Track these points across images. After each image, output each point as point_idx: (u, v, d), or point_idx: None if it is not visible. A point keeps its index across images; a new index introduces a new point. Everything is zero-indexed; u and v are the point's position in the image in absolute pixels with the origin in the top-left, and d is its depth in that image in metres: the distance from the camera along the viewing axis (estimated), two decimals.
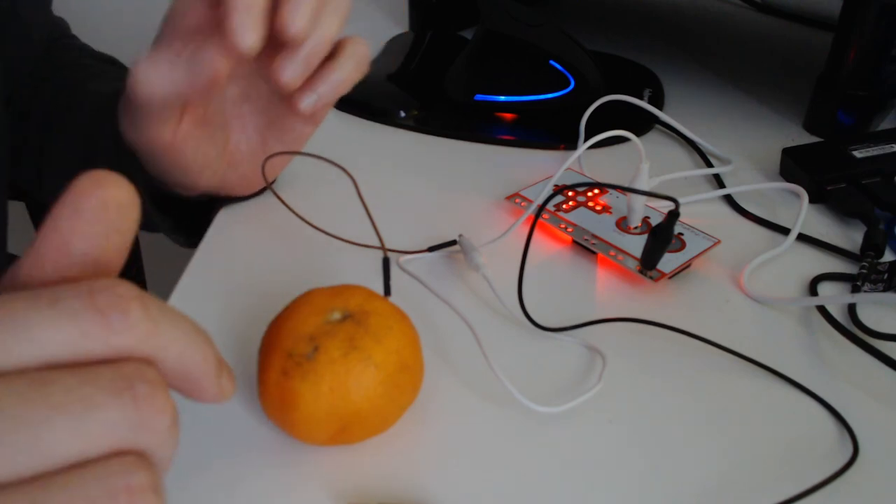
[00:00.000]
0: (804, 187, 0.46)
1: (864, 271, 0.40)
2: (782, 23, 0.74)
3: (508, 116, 0.56)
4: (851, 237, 0.45)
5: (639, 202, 0.42)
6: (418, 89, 0.59)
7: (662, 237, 0.38)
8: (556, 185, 0.46)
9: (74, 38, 0.56)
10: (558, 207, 0.45)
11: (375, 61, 0.63)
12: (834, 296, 0.40)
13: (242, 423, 0.32)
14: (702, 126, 0.55)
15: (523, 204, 0.46)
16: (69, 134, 0.47)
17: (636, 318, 0.38)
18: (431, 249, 0.42)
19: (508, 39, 0.54)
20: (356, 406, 0.29)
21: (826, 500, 0.30)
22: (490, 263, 0.40)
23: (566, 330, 0.37)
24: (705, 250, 0.41)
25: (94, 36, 0.60)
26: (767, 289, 0.40)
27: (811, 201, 0.46)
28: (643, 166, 0.41)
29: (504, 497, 0.30)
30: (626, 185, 0.37)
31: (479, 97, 0.55)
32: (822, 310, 0.38)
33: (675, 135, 0.54)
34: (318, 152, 0.35)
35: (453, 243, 0.42)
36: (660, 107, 0.58)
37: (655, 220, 0.43)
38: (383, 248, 0.33)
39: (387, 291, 0.33)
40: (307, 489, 0.30)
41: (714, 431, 0.33)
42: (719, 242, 0.42)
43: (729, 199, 0.47)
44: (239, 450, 0.31)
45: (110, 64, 0.53)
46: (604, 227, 0.43)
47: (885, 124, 0.56)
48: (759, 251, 0.43)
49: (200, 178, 0.40)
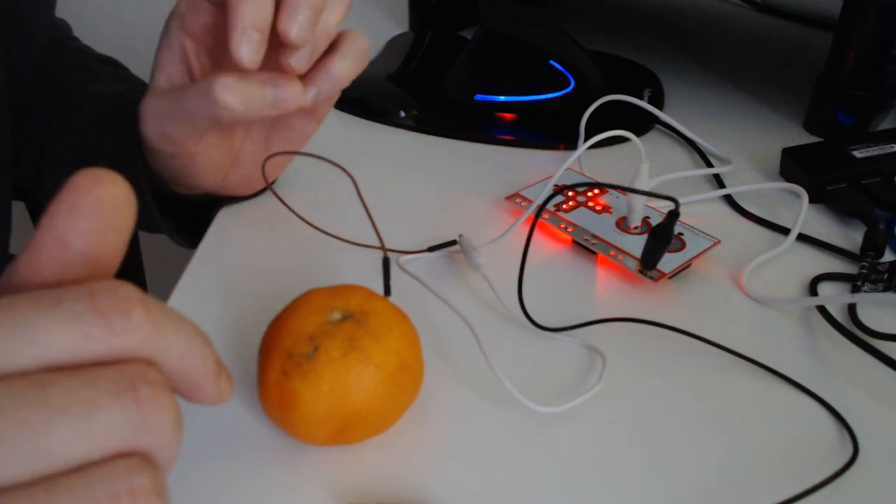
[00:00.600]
0: (804, 187, 0.46)
1: (864, 271, 0.40)
2: (782, 23, 0.74)
3: (508, 116, 0.56)
4: (851, 237, 0.44)
5: (639, 202, 0.42)
6: (418, 89, 0.59)
7: (662, 237, 0.38)
8: (556, 185, 0.46)
9: (76, 40, 0.56)
10: (558, 207, 0.45)
11: (375, 61, 0.63)
12: (834, 296, 0.40)
13: (242, 423, 0.32)
14: (702, 126, 0.55)
15: (523, 204, 0.46)
16: (70, 134, 0.47)
17: (636, 318, 0.38)
18: (431, 249, 0.42)
19: (508, 39, 0.54)
20: (356, 406, 0.29)
21: (826, 500, 0.30)
22: (490, 263, 0.40)
23: (566, 330, 0.37)
24: (705, 250, 0.41)
25: (96, 38, 0.60)
26: (767, 289, 0.40)
27: (811, 201, 0.46)
28: (643, 166, 0.41)
29: (504, 497, 0.30)
30: (626, 185, 0.37)
31: (479, 97, 0.55)
32: (822, 310, 0.38)
33: (675, 135, 0.54)
34: (318, 152, 0.35)
35: (453, 243, 0.42)
36: (660, 107, 0.58)
37: (655, 220, 0.43)
38: (383, 248, 0.33)
39: (387, 291, 0.33)
40: (307, 489, 0.30)
41: (714, 431, 0.33)
42: (719, 242, 0.42)
43: (729, 199, 0.47)
44: (239, 450, 0.31)
45: (111, 65, 0.53)
46: (604, 227, 0.43)
47: (885, 124, 0.56)
48: (759, 251, 0.43)
49: (205, 179, 0.41)
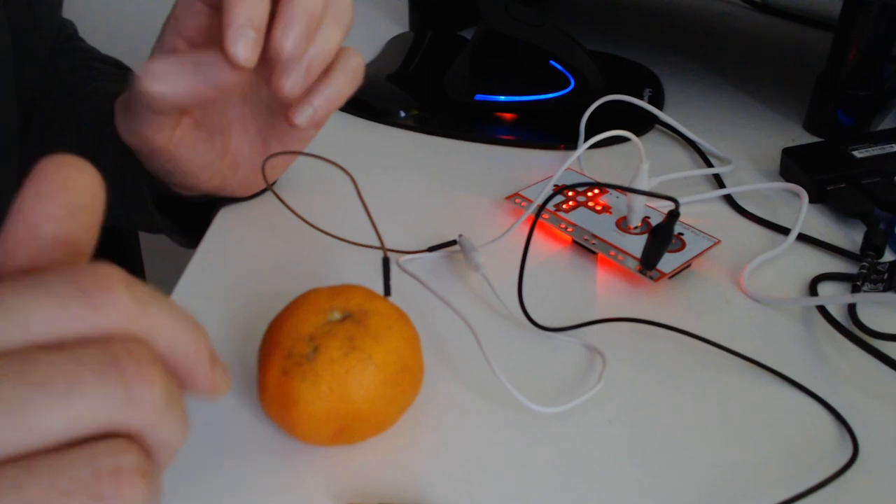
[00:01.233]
0: (804, 187, 0.46)
1: (864, 271, 0.40)
2: (782, 23, 0.74)
3: (508, 116, 0.56)
4: (851, 237, 0.44)
5: (639, 202, 0.42)
6: (418, 89, 0.59)
7: (662, 237, 0.38)
8: (556, 185, 0.46)
9: (81, 41, 0.56)
10: (558, 207, 0.45)
11: (375, 61, 0.63)
12: (834, 296, 0.40)
13: (242, 423, 0.32)
14: (702, 126, 0.55)
15: (523, 204, 0.46)
16: (73, 134, 0.47)
17: (636, 318, 0.38)
18: (431, 249, 0.42)
19: (508, 39, 0.54)
20: (356, 406, 0.29)
21: (826, 500, 0.30)
22: (490, 263, 0.40)
23: (566, 330, 0.37)
24: (705, 250, 0.41)
25: (101, 39, 0.60)
26: (767, 289, 0.40)
27: (811, 201, 0.46)
28: (643, 166, 0.41)
29: (504, 497, 0.30)
30: (626, 185, 0.37)
31: (479, 97, 0.55)
32: (822, 310, 0.38)
33: (675, 135, 0.54)
34: (318, 152, 0.35)
35: (453, 243, 0.42)
36: (660, 107, 0.58)
37: (655, 220, 0.43)
38: (383, 248, 0.33)
39: (387, 291, 0.33)
40: (307, 489, 0.30)
41: (714, 431, 0.33)
42: (719, 242, 0.42)
43: (729, 199, 0.47)
44: (239, 450, 0.31)
45: (116, 67, 0.53)
46: (604, 227, 0.43)
47: (885, 124, 0.56)
48: (759, 251, 0.43)
49: (201, 180, 0.40)
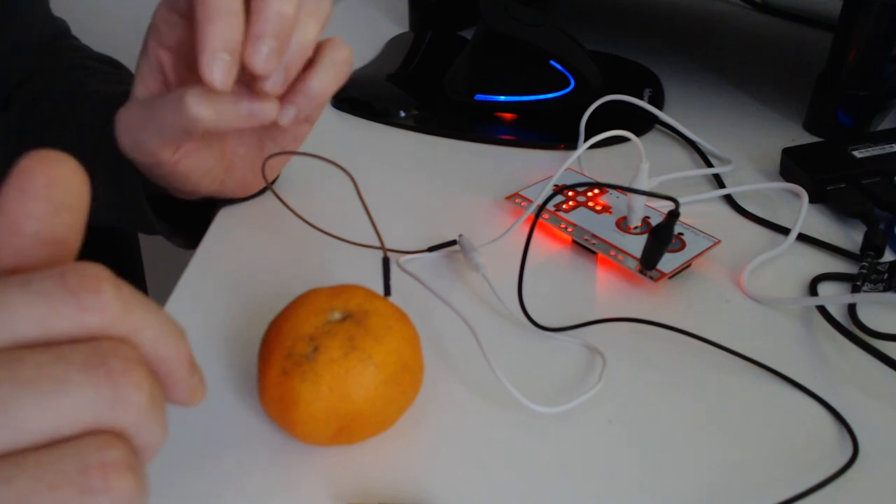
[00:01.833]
0: (804, 187, 0.46)
1: (864, 271, 0.40)
2: (782, 23, 0.74)
3: (508, 116, 0.56)
4: (851, 237, 0.44)
5: (639, 202, 0.42)
6: (418, 89, 0.59)
7: (662, 237, 0.38)
8: (556, 185, 0.46)
9: (75, 39, 0.56)
10: (558, 207, 0.45)
11: (375, 61, 0.63)
12: (834, 296, 0.40)
13: (242, 423, 0.32)
14: (702, 126, 0.55)
15: (523, 204, 0.46)
16: (70, 134, 0.47)
17: (636, 318, 0.38)
18: (431, 249, 0.42)
19: (508, 39, 0.54)
20: (356, 406, 0.29)
21: (826, 500, 0.30)
22: (490, 263, 0.40)
23: (566, 330, 0.37)
24: (705, 250, 0.41)
25: (94, 37, 0.60)
26: (767, 289, 0.40)
27: (811, 201, 0.46)
28: (643, 166, 0.41)
29: (504, 497, 0.30)
30: (626, 185, 0.37)
31: (479, 97, 0.55)
32: (822, 310, 0.38)
33: (675, 135, 0.54)
34: (318, 152, 0.35)
35: (453, 243, 0.42)
36: (660, 107, 0.58)
37: (655, 220, 0.43)
38: (383, 248, 0.33)
39: (387, 291, 0.33)
40: (307, 489, 0.30)
41: (714, 431, 0.33)
42: (719, 242, 0.42)
43: (729, 199, 0.47)
44: (239, 450, 0.31)
45: (110, 65, 0.53)
46: (604, 227, 0.43)
47: (885, 124, 0.56)
48: (759, 251, 0.43)
49: (199, 185, 0.40)
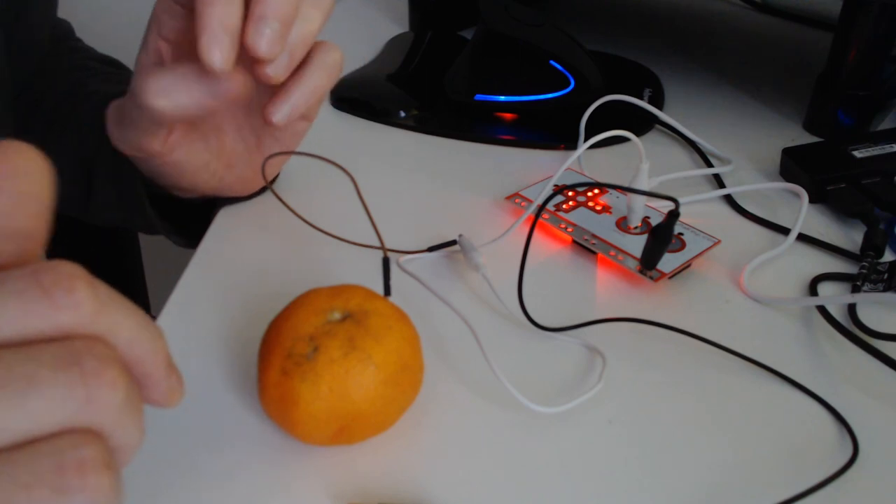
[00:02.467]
0: (804, 187, 0.46)
1: (864, 271, 0.40)
2: (782, 23, 0.74)
3: (508, 116, 0.56)
4: (851, 237, 0.44)
5: (639, 202, 0.42)
6: (418, 89, 0.59)
7: (662, 237, 0.38)
8: (556, 185, 0.46)
9: (78, 40, 0.56)
10: (558, 207, 0.45)
11: (375, 61, 0.63)
12: (834, 296, 0.40)
13: (242, 423, 0.32)
14: (702, 126, 0.55)
15: (523, 204, 0.46)
16: (74, 135, 0.47)
17: (636, 318, 0.38)
18: (431, 249, 0.42)
19: (508, 39, 0.54)
20: (356, 406, 0.29)
21: (826, 500, 0.30)
22: (490, 263, 0.40)
23: (566, 330, 0.37)
24: (705, 250, 0.41)
25: (97, 38, 0.60)
26: (767, 289, 0.40)
27: (811, 201, 0.46)
28: (643, 166, 0.41)
29: (504, 497, 0.30)
30: (626, 185, 0.37)
31: (479, 97, 0.55)
32: (822, 310, 0.38)
33: (675, 135, 0.54)
34: (319, 152, 0.35)
35: (453, 243, 0.42)
36: (660, 107, 0.58)
37: (655, 220, 0.43)
38: (383, 248, 0.33)
39: (387, 291, 0.33)
40: (307, 489, 0.30)
41: (714, 431, 0.33)
42: (719, 242, 0.42)
43: (729, 199, 0.47)
44: (239, 450, 0.31)
45: (114, 66, 0.53)
46: (604, 227, 0.43)
47: (885, 124, 0.56)
48: (759, 251, 0.43)
49: (198, 181, 0.40)
